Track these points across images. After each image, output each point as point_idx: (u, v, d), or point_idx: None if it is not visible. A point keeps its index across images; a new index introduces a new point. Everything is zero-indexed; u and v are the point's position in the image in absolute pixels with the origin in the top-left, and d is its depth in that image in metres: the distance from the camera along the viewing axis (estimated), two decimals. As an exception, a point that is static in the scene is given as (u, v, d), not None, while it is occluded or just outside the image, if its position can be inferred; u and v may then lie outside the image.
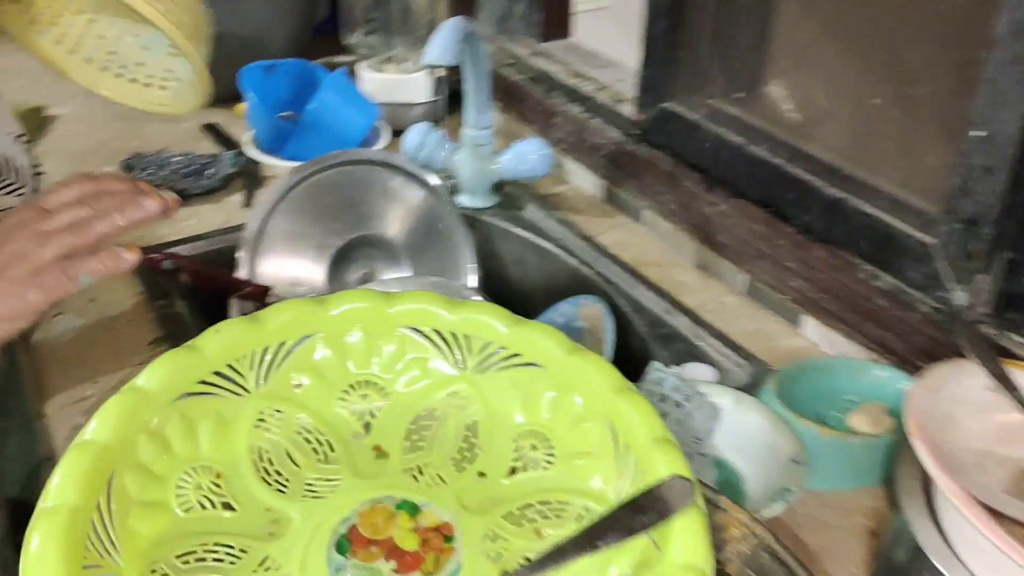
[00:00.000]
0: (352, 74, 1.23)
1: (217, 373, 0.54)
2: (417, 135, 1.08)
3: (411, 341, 0.59)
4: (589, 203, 1.13)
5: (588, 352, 0.56)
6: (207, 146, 1.23)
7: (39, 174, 0.85)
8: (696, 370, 0.85)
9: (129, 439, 0.49)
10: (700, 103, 0.99)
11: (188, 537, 0.49)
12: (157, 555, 0.48)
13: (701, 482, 0.53)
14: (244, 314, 0.98)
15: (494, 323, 0.58)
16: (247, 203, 1.10)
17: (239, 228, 0.99)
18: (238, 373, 0.55)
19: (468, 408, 0.58)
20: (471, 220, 1.11)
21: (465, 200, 1.12)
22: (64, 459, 0.46)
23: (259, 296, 0.96)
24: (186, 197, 1.10)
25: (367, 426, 0.58)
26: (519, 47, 1.29)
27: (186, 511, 0.51)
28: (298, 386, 0.57)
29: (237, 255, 0.98)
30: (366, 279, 1.05)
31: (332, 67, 1.16)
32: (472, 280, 1.10)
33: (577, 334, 1.01)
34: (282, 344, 0.56)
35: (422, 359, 0.59)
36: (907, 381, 0.75)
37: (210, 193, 1.12)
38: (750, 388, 0.80)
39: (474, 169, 1.09)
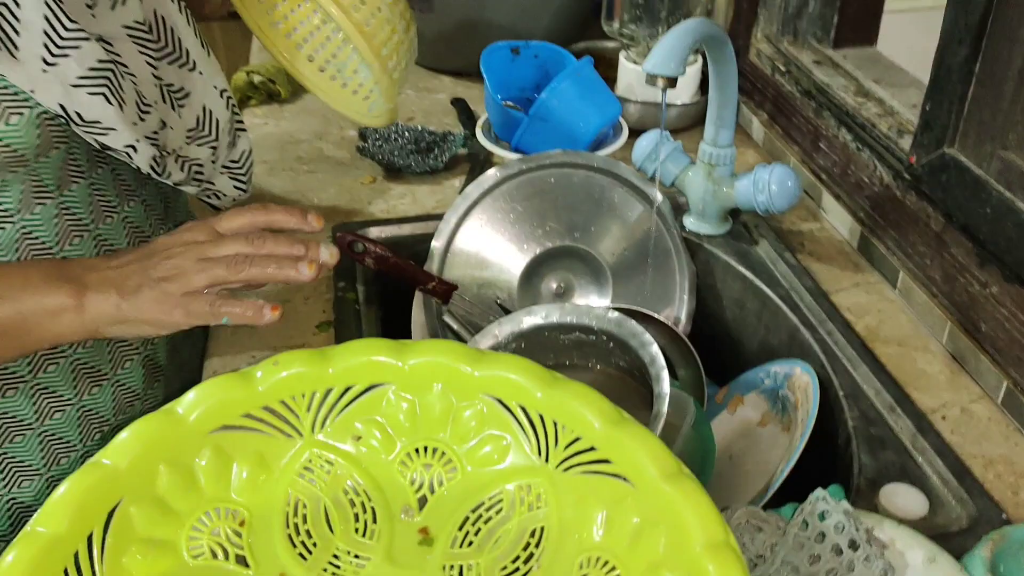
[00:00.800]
0: (601, 63, 1.13)
1: (268, 409, 0.49)
2: (649, 143, 0.97)
3: (494, 413, 0.50)
4: (838, 250, 0.96)
5: (691, 481, 0.44)
6: (451, 122, 1.20)
7: (240, 130, 0.86)
8: (900, 494, 0.68)
9: (148, 467, 0.45)
10: (991, 154, 0.78)
11: (186, 587, 0.45)
12: (144, 602, 0.44)
13: None
14: (426, 311, 0.95)
15: (591, 417, 0.47)
16: (463, 191, 1.06)
17: (442, 217, 0.94)
18: (292, 413, 0.50)
19: (539, 510, 0.49)
20: (693, 247, 0.98)
21: (691, 223, 0.99)
22: (69, 479, 0.43)
23: (444, 294, 0.91)
24: (408, 174, 1.08)
25: (421, 501, 0.50)
26: (804, 52, 1.12)
27: (194, 557, 0.46)
28: (358, 439, 0.51)
29: (432, 245, 0.94)
30: (561, 294, 0.97)
31: (580, 55, 1.08)
32: (683, 313, 0.98)
33: (782, 405, 0.86)
34: (348, 388, 0.50)
35: (500, 438, 0.50)
36: None
37: (432, 173, 1.08)
38: (964, 538, 0.62)
39: (706, 191, 0.96)
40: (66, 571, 0.41)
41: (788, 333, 0.89)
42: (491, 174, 0.94)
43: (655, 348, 0.78)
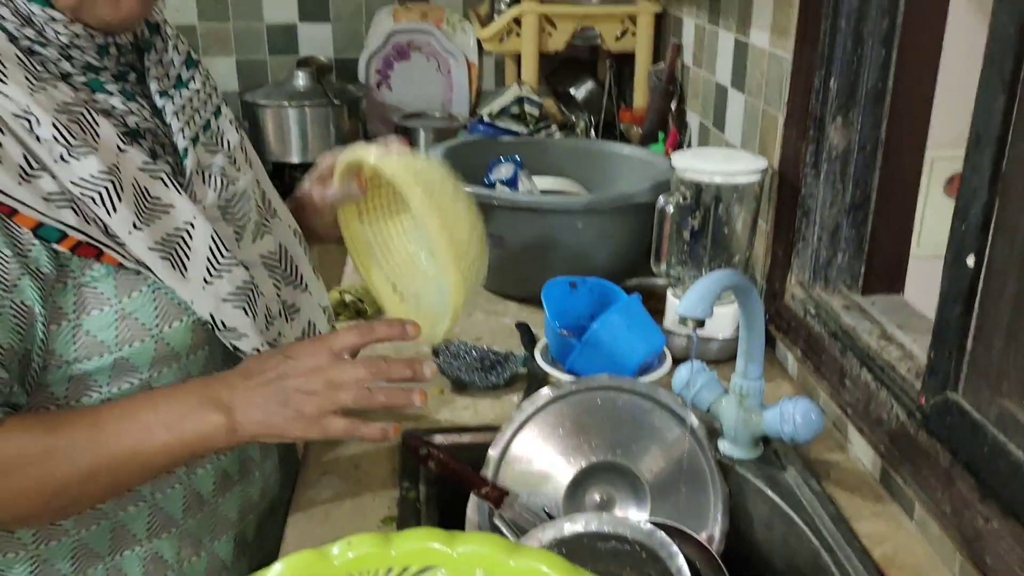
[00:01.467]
0: (651, 298, 1.27)
1: (338, 582, 0.59)
2: (686, 373, 1.09)
3: (524, 600, 0.59)
4: (861, 481, 1.03)
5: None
6: (514, 343, 1.34)
7: None
8: None
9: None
10: (989, 401, 0.87)
11: None
12: None
13: None
14: (480, 513, 1.05)
15: (604, 606, 0.56)
16: (520, 406, 1.18)
17: (499, 428, 1.06)
18: (358, 586, 0.60)
19: None
20: (726, 469, 1.07)
21: (725, 447, 1.09)
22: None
23: (496, 499, 1.01)
24: (472, 388, 1.21)
25: (459, 673, 0.59)
26: (835, 297, 1.24)
27: None
28: (410, 614, 0.60)
29: (489, 453, 1.05)
30: (604, 505, 1.06)
31: (631, 290, 1.22)
32: (716, 531, 1.05)
33: (805, 624, 0.92)
34: (405, 569, 0.60)
35: (529, 621, 0.59)
36: None
37: (494, 389, 1.21)
38: None
39: (738, 419, 1.06)
40: None
41: (811, 556, 0.95)
42: (545, 393, 1.06)
43: (681, 560, 0.86)
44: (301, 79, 2.05)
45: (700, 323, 0.91)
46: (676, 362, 1.17)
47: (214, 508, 0.92)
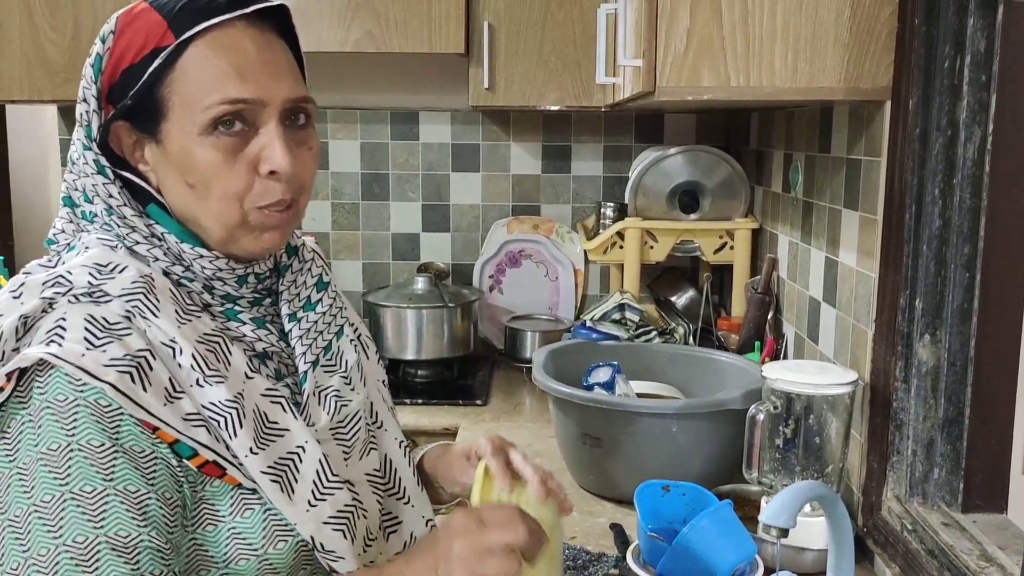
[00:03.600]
0: (746, 505, 1.29)
1: None
2: (776, 583, 1.09)
3: None
4: None
5: None
6: (607, 543, 1.36)
7: None
8: None
9: None
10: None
11: None
12: None
13: None
14: None
15: None
16: (610, 607, 1.19)
17: (584, 630, 1.08)
18: None
19: None
20: None
21: (817, 664, 1.07)
22: None
23: None
24: (564, 587, 1.23)
25: None
26: (933, 514, 1.23)
27: None
28: None
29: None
30: None
31: (724, 496, 1.24)
32: None
33: None
34: None
35: None
36: None
37: (585, 589, 1.23)
38: None
39: (829, 635, 1.05)
40: None
41: None
42: (633, 595, 1.08)
43: None
44: (420, 283, 2.22)
45: (784, 532, 0.93)
46: (768, 571, 1.17)
47: None
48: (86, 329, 0.80)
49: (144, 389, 0.80)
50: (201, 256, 0.89)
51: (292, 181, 0.88)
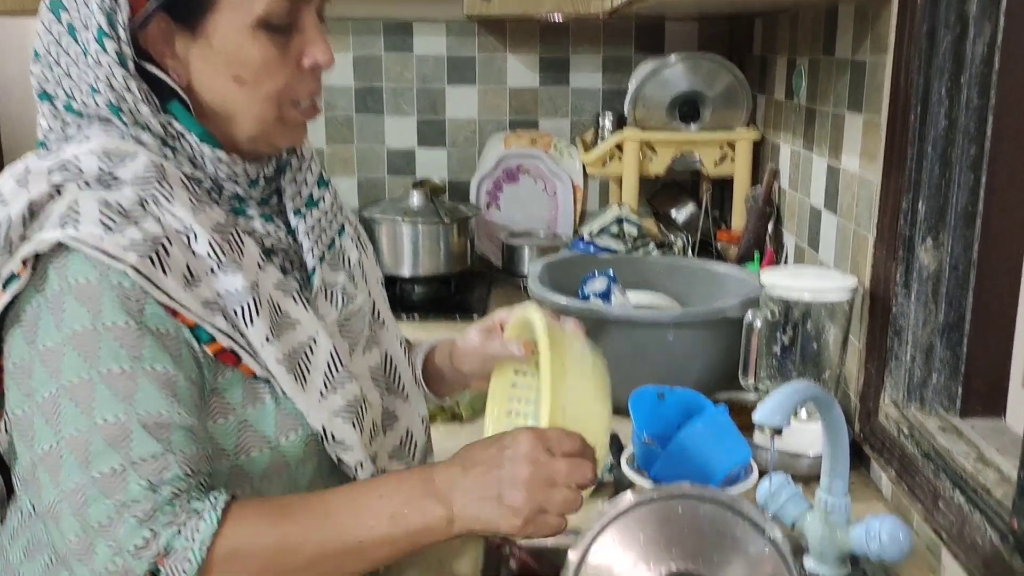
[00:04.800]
0: (743, 413, 1.28)
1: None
2: (770, 486, 1.09)
3: None
4: (954, 606, 1.00)
5: None
6: (603, 452, 1.36)
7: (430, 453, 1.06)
8: None
9: None
10: (1082, 525, 0.85)
11: None
12: None
13: None
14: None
15: None
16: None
17: (577, 532, 1.08)
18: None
19: None
20: (812, 587, 1.05)
21: (811, 564, 1.07)
22: None
23: (575, 601, 1.02)
24: (558, 493, 1.23)
25: None
26: (931, 418, 1.23)
27: None
28: None
29: (568, 555, 1.06)
30: (684, 616, 1.05)
31: (719, 403, 1.24)
32: (801, 652, 1.02)
33: None
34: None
35: None
36: None
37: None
38: None
39: (823, 535, 1.04)
40: None
41: None
42: (626, 499, 1.07)
43: (757, 672, 0.85)
44: (416, 198, 2.18)
45: (778, 431, 0.92)
46: (763, 476, 1.17)
47: None
48: (101, 213, 0.79)
49: (164, 273, 0.79)
50: (219, 160, 0.87)
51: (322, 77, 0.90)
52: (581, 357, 0.90)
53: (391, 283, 2.18)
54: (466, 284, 2.26)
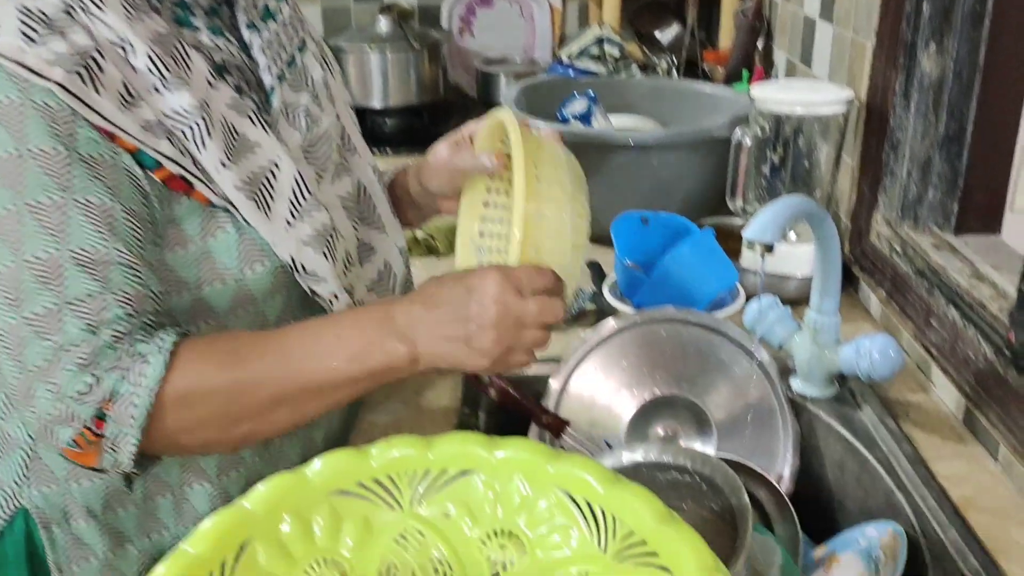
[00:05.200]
0: (730, 238, 1.23)
1: (377, 481, 0.59)
2: (758, 307, 1.05)
3: (563, 506, 0.58)
4: (942, 422, 0.98)
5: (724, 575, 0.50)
6: (584, 280, 1.32)
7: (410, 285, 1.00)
8: (974, 654, 0.69)
9: (276, 515, 0.56)
10: (1085, 335, 0.81)
11: (291, 619, 0.54)
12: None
13: None
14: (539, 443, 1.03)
15: (643, 512, 0.54)
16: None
17: (559, 360, 1.04)
18: (396, 487, 0.59)
19: (594, 594, 0.55)
20: (798, 407, 1.03)
21: (797, 385, 1.05)
22: (216, 513, 0.54)
23: (556, 429, 1.00)
24: (539, 322, 1.19)
25: (495, 576, 0.58)
26: (924, 236, 1.18)
27: (302, 596, 0.56)
28: (447, 516, 0.60)
29: (550, 383, 1.03)
30: (668, 440, 1.03)
31: (705, 227, 1.18)
32: (786, 471, 1.01)
33: (875, 566, 0.88)
34: (444, 471, 0.60)
35: (567, 527, 0.58)
36: None
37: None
38: None
39: (811, 355, 1.01)
40: (202, 586, 0.52)
41: (884, 495, 0.91)
42: (608, 324, 1.03)
43: (744, 494, 0.83)
44: (383, 24, 2.05)
45: (769, 248, 0.87)
46: (750, 300, 1.13)
47: (279, 449, 0.92)
48: (21, 22, 0.70)
49: (96, 91, 0.71)
50: None
51: None
52: (556, 163, 0.83)
53: (360, 116, 2.07)
54: (439, 115, 2.15)
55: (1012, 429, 0.89)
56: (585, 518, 0.57)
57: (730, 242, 1.26)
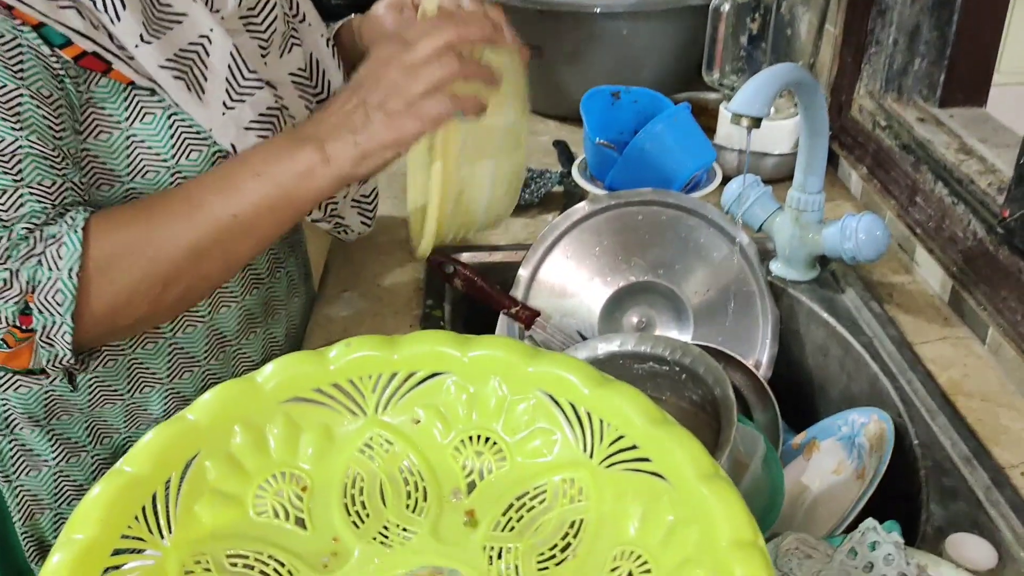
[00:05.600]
0: (703, 114, 1.16)
1: (337, 387, 0.53)
2: (738, 187, 0.99)
3: (544, 408, 0.53)
4: (928, 304, 0.94)
5: (725, 484, 0.46)
6: (551, 162, 1.24)
7: None
8: (967, 544, 0.66)
9: (225, 426, 0.50)
10: (1087, 210, 0.76)
11: (248, 541, 0.49)
12: (209, 547, 0.48)
13: None
14: (509, 334, 0.98)
15: (634, 416, 0.49)
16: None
17: (525, 247, 0.98)
18: (359, 392, 0.53)
19: (579, 503, 0.51)
20: (778, 292, 0.99)
21: (777, 268, 1.00)
22: (155, 429, 0.48)
23: (527, 320, 0.95)
24: (504, 207, 1.13)
25: (470, 486, 0.53)
26: (908, 109, 1.11)
27: (258, 514, 0.50)
28: (417, 422, 0.54)
29: (519, 272, 0.97)
30: (642, 329, 0.99)
31: (679, 102, 1.11)
32: (764, 357, 0.98)
33: (857, 453, 0.85)
34: (412, 375, 0.54)
35: (549, 432, 0.53)
36: None
37: (527, 207, 1.13)
38: (1030, 592, 0.60)
39: (793, 236, 0.96)
40: (144, 509, 0.46)
41: (868, 380, 0.88)
42: (580, 207, 0.97)
43: (728, 384, 0.79)
44: None
45: (756, 122, 0.80)
46: (727, 182, 1.06)
47: (237, 349, 0.86)
48: None
49: None
50: None
51: None
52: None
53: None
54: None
55: (1001, 310, 0.85)
56: (569, 421, 0.52)
57: (704, 118, 1.19)
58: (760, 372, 0.95)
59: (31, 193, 0.63)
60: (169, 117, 0.71)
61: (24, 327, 0.65)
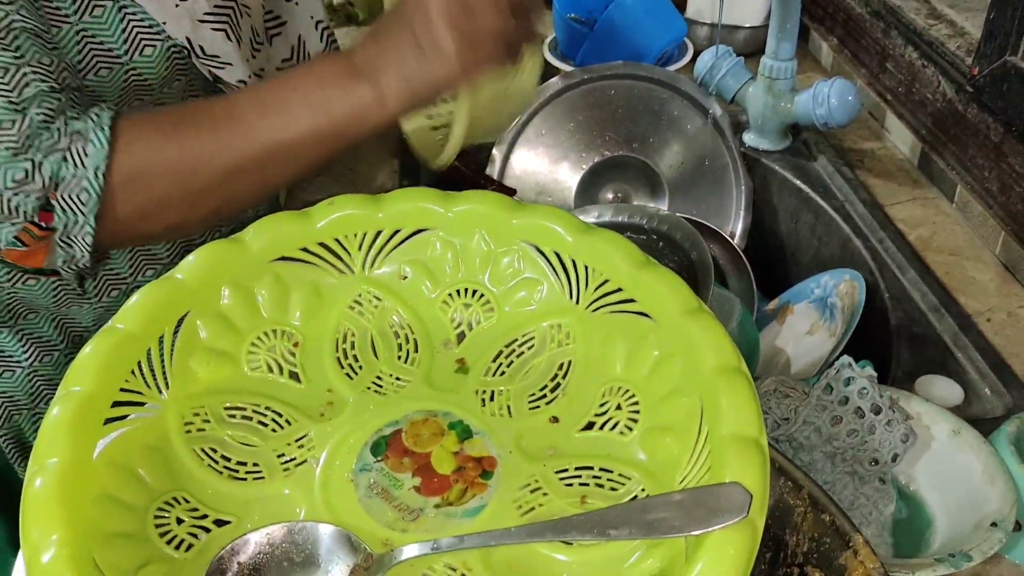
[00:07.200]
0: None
1: (323, 245, 0.53)
2: (710, 58, 0.98)
3: (529, 258, 0.54)
4: (898, 167, 0.96)
5: (709, 317, 0.47)
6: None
7: None
8: (936, 384, 0.69)
9: (213, 286, 0.50)
10: (1055, 61, 0.77)
11: (244, 394, 0.50)
12: (207, 401, 0.49)
13: (843, 517, 0.44)
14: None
15: (619, 260, 0.50)
16: (528, 105, 1.08)
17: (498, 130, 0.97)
18: (345, 251, 0.54)
19: (567, 346, 0.52)
20: (751, 162, 1.00)
21: (750, 139, 1.00)
22: (142, 290, 0.48)
23: (503, 197, 0.95)
24: (476, 90, 1.11)
25: (460, 336, 0.54)
26: (878, -24, 1.11)
27: (253, 369, 0.51)
28: (404, 278, 0.55)
29: (493, 152, 0.97)
30: (619, 202, 0.99)
31: (650, -25, 1.09)
32: (739, 227, 0.99)
33: (830, 312, 0.88)
34: (397, 231, 0.54)
35: (535, 281, 0.53)
36: None
37: (499, 89, 1.11)
38: (996, 424, 0.63)
39: (765, 105, 0.97)
40: (140, 364, 0.47)
41: (840, 243, 0.90)
42: (553, 83, 0.96)
43: (704, 246, 0.80)
44: None
45: (729, -17, 0.79)
46: (696, 54, 1.06)
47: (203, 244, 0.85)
48: None
49: None
50: None
51: None
52: None
53: None
54: None
55: (968, 168, 0.87)
56: (555, 270, 0.53)
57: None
58: (735, 242, 0.97)
59: (34, 72, 0.60)
60: (120, 10, 0.68)
61: (44, 224, 0.62)
